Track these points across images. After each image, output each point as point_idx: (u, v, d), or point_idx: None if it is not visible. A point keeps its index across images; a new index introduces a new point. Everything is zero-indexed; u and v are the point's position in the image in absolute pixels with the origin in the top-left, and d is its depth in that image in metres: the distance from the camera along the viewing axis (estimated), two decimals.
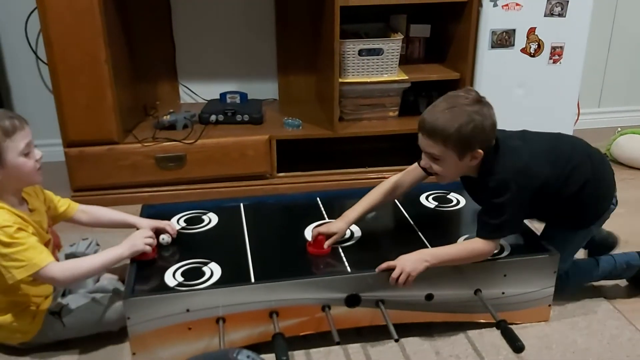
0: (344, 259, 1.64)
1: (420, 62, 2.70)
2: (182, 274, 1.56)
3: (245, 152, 2.40)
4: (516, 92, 2.44)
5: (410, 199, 1.98)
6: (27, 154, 1.47)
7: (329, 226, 1.68)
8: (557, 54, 2.47)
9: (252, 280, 1.55)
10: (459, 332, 1.63)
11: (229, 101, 2.61)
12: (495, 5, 2.36)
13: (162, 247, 1.69)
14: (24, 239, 1.43)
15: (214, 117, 2.51)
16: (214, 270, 1.58)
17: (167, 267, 1.59)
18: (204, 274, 1.57)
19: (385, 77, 2.48)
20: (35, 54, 2.63)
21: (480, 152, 1.50)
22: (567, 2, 2.39)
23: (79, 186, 2.35)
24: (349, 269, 1.60)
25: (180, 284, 1.52)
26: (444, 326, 1.63)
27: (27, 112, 2.52)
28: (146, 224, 1.70)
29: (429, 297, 1.58)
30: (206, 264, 1.61)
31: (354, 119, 2.57)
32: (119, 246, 1.58)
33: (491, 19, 2.38)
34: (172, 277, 1.55)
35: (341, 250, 1.69)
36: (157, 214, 1.84)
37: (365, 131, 2.53)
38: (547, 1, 2.38)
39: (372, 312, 1.55)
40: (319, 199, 1.99)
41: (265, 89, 2.81)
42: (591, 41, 2.53)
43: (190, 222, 1.86)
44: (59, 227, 1.73)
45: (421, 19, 2.68)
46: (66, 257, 1.69)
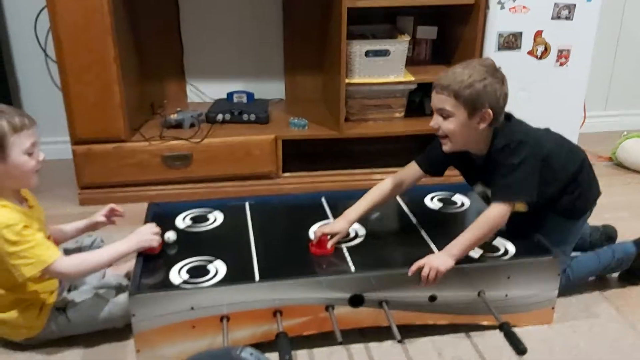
0: (348, 259, 1.65)
1: (426, 63, 2.71)
2: (187, 272, 1.58)
3: (251, 152, 2.42)
4: (522, 95, 2.44)
5: (414, 200, 1.99)
6: (31, 154, 1.47)
7: (331, 226, 1.70)
8: (563, 56, 2.46)
9: (257, 279, 1.56)
10: (462, 334, 1.63)
11: (235, 101, 2.63)
12: (502, 7, 2.36)
13: (167, 245, 1.70)
14: (31, 236, 1.44)
15: (220, 117, 2.53)
16: (218, 268, 1.59)
17: (172, 265, 1.60)
18: (208, 272, 1.58)
19: (391, 78, 2.49)
20: (44, 52, 2.65)
21: (489, 112, 1.54)
22: (575, 5, 2.39)
23: (86, 183, 2.37)
24: (353, 269, 1.61)
25: (185, 282, 1.54)
26: (447, 328, 1.63)
27: (35, 110, 2.55)
28: (102, 218, 1.73)
29: (433, 299, 1.58)
30: (211, 262, 1.62)
31: (359, 120, 2.57)
32: (127, 240, 1.59)
33: (498, 22, 2.38)
34: (177, 274, 1.57)
35: (345, 250, 1.70)
36: (163, 212, 1.86)
37: (371, 132, 2.54)
38: (555, 4, 2.38)
39: (376, 313, 1.56)
40: (324, 199, 2.00)
41: (271, 89, 2.82)
42: (598, 44, 2.53)
43: (195, 220, 1.87)
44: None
45: (428, 21, 2.68)
46: (71, 252, 1.70)
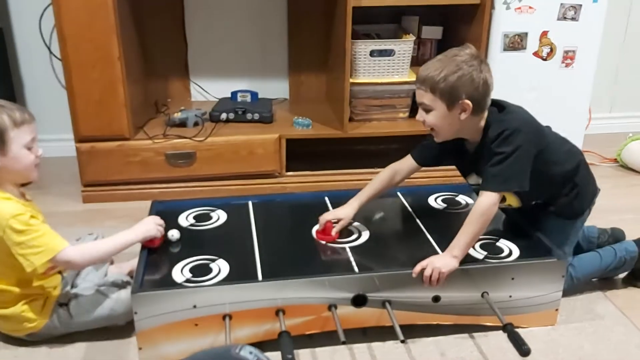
0: (352, 259, 1.65)
1: None
2: (190, 270, 1.57)
3: (254, 151, 2.41)
4: (527, 96, 2.43)
5: (418, 200, 1.98)
6: (30, 148, 1.50)
7: (335, 212, 1.76)
8: (569, 58, 2.46)
9: (260, 278, 1.55)
10: (465, 335, 1.63)
11: (239, 100, 2.62)
12: (508, 8, 2.35)
13: (170, 243, 1.70)
14: (38, 226, 1.46)
15: (224, 115, 2.52)
16: (221, 267, 1.59)
17: (175, 263, 1.60)
18: (211, 270, 1.57)
19: (396, 79, 2.48)
20: (49, 49, 2.65)
21: (468, 103, 1.52)
22: (580, 6, 2.38)
23: (89, 181, 2.37)
24: (356, 269, 1.60)
25: (187, 280, 1.53)
26: (450, 328, 1.62)
27: (39, 107, 2.56)
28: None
29: (436, 299, 1.58)
30: (214, 261, 1.61)
31: (364, 120, 2.57)
32: (132, 230, 1.62)
33: (503, 22, 2.37)
34: (180, 273, 1.56)
35: (349, 250, 1.69)
36: (167, 210, 1.85)
37: (375, 132, 2.53)
38: (560, 5, 2.37)
39: (379, 313, 1.56)
40: (327, 198, 1.99)
41: (276, 88, 2.82)
42: (604, 46, 2.52)
43: (198, 219, 1.87)
44: (60, 222, 1.74)
45: (433, 21, 2.67)
46: None
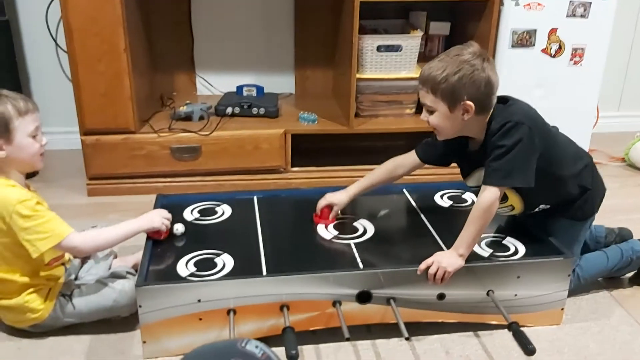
0: (357, 255, 1.64)
1: None
2: (195, 264, 1.57)
3: (259, 146, 2.41)
4: (535, 93, 2.42)
5: (424, 197, 1.97)
6: (35, 137, 1.51)
7: (330, 197, 1.79)
8: (578, 55, 2.44)
9: (264, 273, 1.55)
10: (470, 333, 1.62)
11: (245, 94, 2.61)
12: (516, 4, 2.34)
13: (175, 237, 1.70)
14: (44, 212, 1.48)
15: (229, 110, 2.52)
16: (226, 261, 1.59)
17: (179, 257, 1.60)
18: (216, 265, 1.57)
19: (403, 74, 2.47)
20: (55, 41, 2.65)
21: (470, 104, 1.49)
22: (590, 3, 2.36)
23: (94, 174, 2.37)
24: (361, 266, 1.60)
25: (192, 274, 1.53)
26: (455, 326, 1.62)
27: (45, 100, 2.56)
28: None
29: (441, 297, 1.57)
30: (218, 256, 1.61)
31: (370, 116, 2.56)
32: (136, 220, 1.63)
33: (512, 19, 2.36)
34: (184, 267, 1.56)
35: (354, 246, 1.68)
36: (171, 204, 1.85)
37: (381, 128, 2.52)
38: (570, 2, 2.35)
39: (383, 310, 1.55)
40: None
41: (281, 83, 2.81)
42: (613, 44, 2.50)
43: (203, 213, 1.86)
44: (65, 215, 1.72)
45: (441, 17, 2.66)
46: None
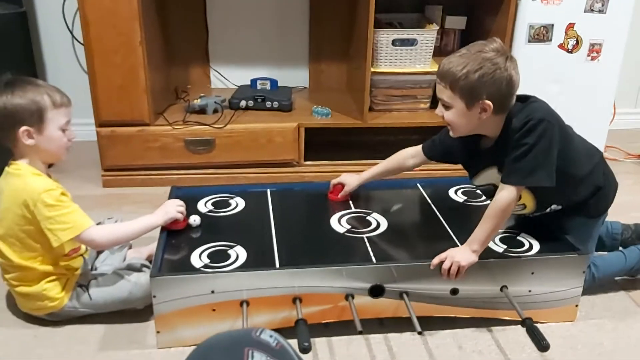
0: (369, 249, 1.64)
1: None
2: (208, 256, 1.58)
3: (273, 139, 2.41)
4: (551, 89, 2.39)
5: (438, 192, 1.96)
6: (65, 131, 1.54)
7: (342, 178, 1.89)
8: (595, 51, 2.41)
9: (277, 265, 1.55)
10: (483, 328, 1.61)
11: (259, 87, 2.62)
12: None
13: (190, 228, 1.70)
14: (68, 203, 1.50)
15: (243, 103, 2.52)
16: (239, 253, 1.59)
17: (193, 249, 1.61)
18: (229, 256, 1.58)
19: (418, 69, 2.46)
20: (71, 33, 2.66)
21: (489, 103, 1.45)
22: None
23: (109, 165, 2.38)
24: (374, 259, 1.59)
25: (206, 266, 1.54)
26: (468, 321, 1.61)
27: None
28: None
29: (454, 292, 1.56)
30: (232, 247, 1.62)
31: (384, 110, 2.55)
32: (153, 214, 1.65)
33: (529, 13, 2.33)
34: (198, 258, 1.57)
35: (367, 240, 1.68)
36: (186, 196, 1.85)
37: (395, 122, 2.51)
38: None
39: (396, 304, 1.55)
40: None
41: (295, 77, 2.81)
42: (631, 39, 2.47)
43: (217, 205, 1.87)
44: (80, 206, 1.72)
45: (457, 11, 2.64)
46: None
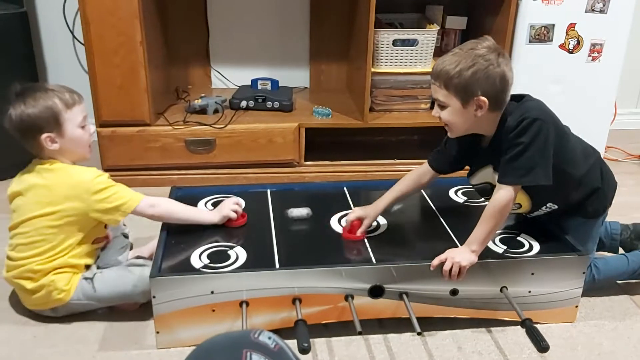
0: (369, 250, 1.64)
1: None
2: (208, 257, 1.58)
3: (273, 139, 2.41)
4: (552, 89, 2.39)
5: (438, 192, 1.96)
6: (84, 127, 1.57)
7: (358, 213, 1.69)
8: (596, 51, 2.41)
9: (277, 266, 1.55)
10: (483, 329, 1.61)
11: (259, 87, 2.62)
12: None
13: (188, 229, 1.70)
14: (115, 183, 1.57)
15: (244, 103, 2.52)
16: (239, 254, 1.59)
17: (193, 249, 1.61)
18: (229, 257, 1.58)
19: (418, 69, 2.46)
20: (72, 33, 2.66)
21: (484, 100, 1.45)
22: None
23: (109, 165, 2.38)
24: (374, 260, 1.59)
25: (205, 266, 1.54)
26: (467, 322, 1.61)
27: None
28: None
29: (454, 293, 1.56)
30: (232, 248, 1.62)
31: (384, 110, 2.55)
32: (210, 212, 1.74)
33: (530, 13, 2.33)
34: (198, 258, 1.57)
35: (367, 240, 1.68)
36: (186, 197, 1.86)
37: (395, 122, 2.51)
38: None
39: (395, 304, 1.55)
40: (346, 189, 1.98)
41: (296, 77, 2.81)
42: (632, 39, 2.46)
43: (217, 205, 1.86)
44: None
45: (458, 11, 2.64)
46: None
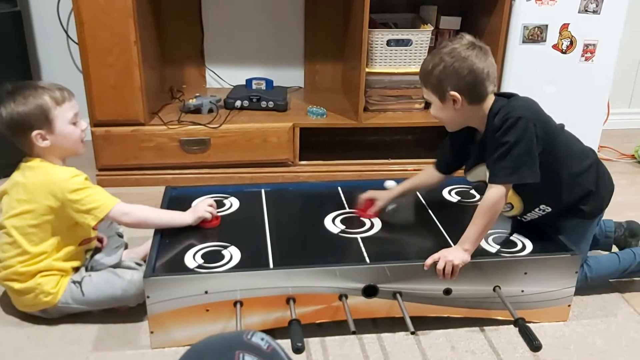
0: (363, 249, 1.64)
1: None
2: (202, 257, 1.58)
3: (268, 139, 2.41)
4: (546, 89, 2.40)
5: (432, 192, 1.96)
6: (75, 123, 1.57)
7: (373, 193, 1.80)
8: (589, 51, 2.42)
9: (271, 266, 1.55)
10: (476, 328, 1.62)
11: (254, 87, 2.62)
12: None
13: (183, 230, 1.70)
14: (92, 185, 1.56)
15: (239, 103, 2.52)
16: (233, 254, 1.59)
17: (187, 249, 1.61)
18: (223, 257, 1.58)
19: (413, 69, 2.46)
20: (66, 33, 2.66)
21: (455, 94, 1.50)
22: None
23: (104, 165, 2.38)
24: (368, 260, 1.60)
25: (199, 266, 1.54)
26: (461, 321, 1.62)
27: None
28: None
29: (447, 292, 1.57)
30: (226, 248, 1.62)
31: (379, 110, 2.55)
32: (185, 212, 1.71)
33: (523, 14, 2.34)
34: (192, 258, 1.57)
35: (360, 240, 1.69)
36: (180, 196, 1.86)
37: (390, 122, 2.51)
38: None
39: (389, 304, 1.55)
40: (340, 188, 1.99)
41: (291, 77, 2.81)
42: (625, 40, 2.48)
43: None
44: None
45: (452, 11, 2.64)
46: None
